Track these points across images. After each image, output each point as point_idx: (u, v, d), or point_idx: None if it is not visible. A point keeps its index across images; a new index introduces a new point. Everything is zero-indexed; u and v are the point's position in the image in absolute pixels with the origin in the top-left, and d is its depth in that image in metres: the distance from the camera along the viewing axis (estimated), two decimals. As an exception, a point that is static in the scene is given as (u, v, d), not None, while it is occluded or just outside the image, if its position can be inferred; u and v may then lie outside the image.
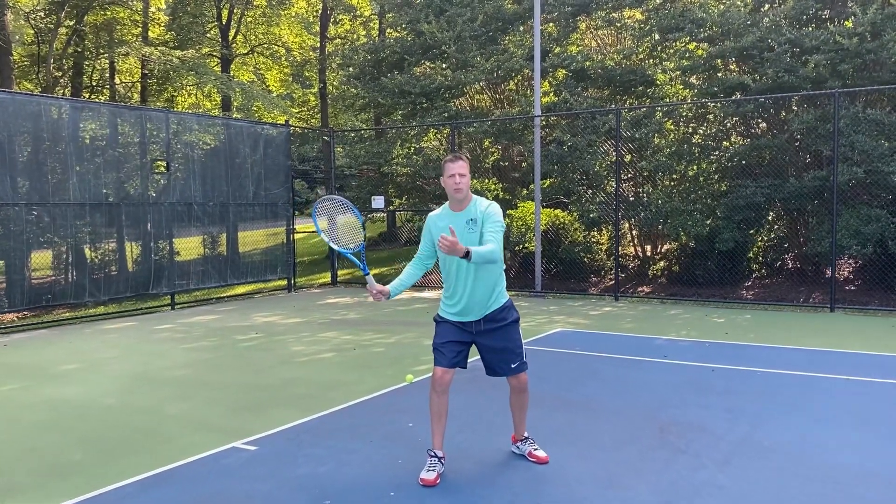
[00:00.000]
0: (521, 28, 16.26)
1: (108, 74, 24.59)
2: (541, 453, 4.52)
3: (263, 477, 4.34)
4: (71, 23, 20.27)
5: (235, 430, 5.23)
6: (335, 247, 4.57)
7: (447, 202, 4.37)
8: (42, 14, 20.05)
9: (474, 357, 4.51)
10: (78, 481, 4.33)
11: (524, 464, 4.49)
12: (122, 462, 4.65)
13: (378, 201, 14.69)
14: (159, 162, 12.08)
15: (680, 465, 4.46)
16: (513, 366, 4.33)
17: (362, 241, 4.65)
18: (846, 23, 11.87)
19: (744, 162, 12.73)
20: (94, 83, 24.30)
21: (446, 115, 15.78)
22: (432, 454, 4.31)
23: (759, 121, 13.62)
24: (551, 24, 15.90)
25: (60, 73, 21.38)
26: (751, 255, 13.29)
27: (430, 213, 4.43)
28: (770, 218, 13.42)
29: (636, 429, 5.17)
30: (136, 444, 5.00)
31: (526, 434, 4.61)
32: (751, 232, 12.95)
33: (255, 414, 5.69)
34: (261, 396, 6.24)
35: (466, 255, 3.87)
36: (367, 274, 4.39)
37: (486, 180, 15.53)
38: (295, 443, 4.96)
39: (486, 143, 16.45)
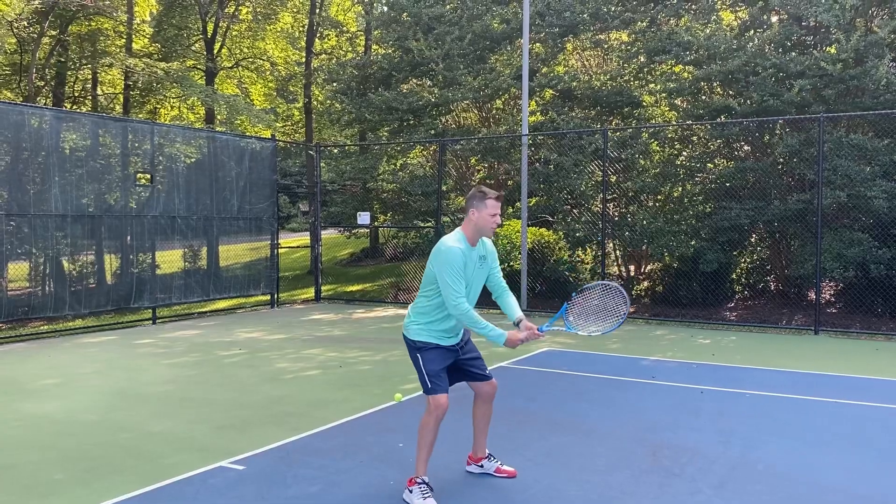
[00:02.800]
0: (509, 47, 16.35)
1: (90, 85, 24.37)
2: (508, 467, 4.56)
3: (252, 497, 4.23)
4: (55, 32, 20.09)
5: (222, 449, 5.12)
6: (580, 331, 4.41)
7: (459, 231, 4.25)
8: (26, 23, 19.85)
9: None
10: (58, 502, 4.19)
11: (517, 486, 4.43)
12: (104, 481, 4.52)
13: (364, 217, 14.63)
14: (142, 175, 11.94)
15: (675, 488, 4.42)
16: (487, 371, 4.45)
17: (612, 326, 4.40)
18: (830, 49, 12.05)
19: (728, 184, 12.83)
20: (76, 94, 24.07)
21: (433, 132, 15.79)
22: (422, 482, 4.17)
23: (744, 144, 13.76)
24: (539, 45, 16.00)
25: (43, 83, 21.15)
26: (734, 276, 13.37)
27: (453, 246, 4.14)
28: (753, 240, 13.52)
29: (628, 451, 5.13)
30: (120, 463, 4.87)
31: (487, 451, 4.63)
32: (734, 253, 13.04)
33: (242, 432, 5.57)
34: (246, 414, 6.13)
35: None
36: (542, 330, 4.24)
37: (472, 198, 15.50)
38: (284, 462, 4.85)
39: (473, 160, 16.47)
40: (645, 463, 4.88)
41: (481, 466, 4.60)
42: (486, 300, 4.55)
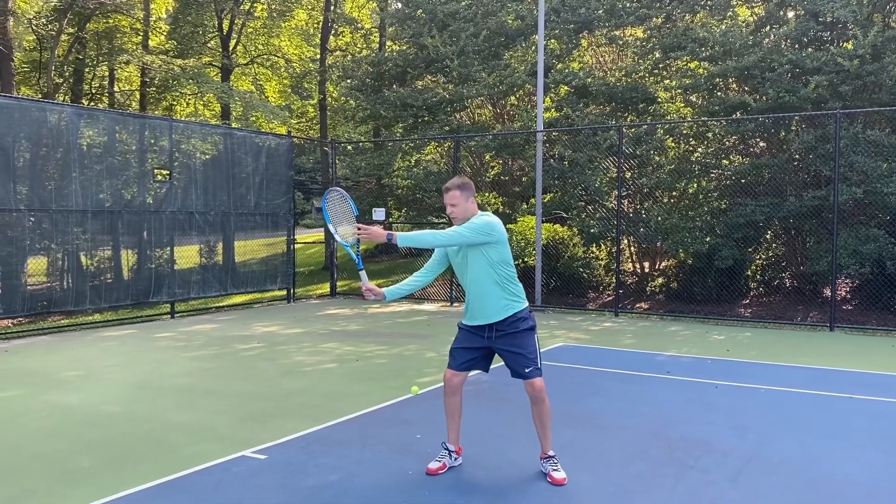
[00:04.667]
0: (524, 44, 16.37)
1: (107, 82, 24.61)
2: (558, 475, 4.42)
3: (275, 486, 4.33)
4: (73, 30, 20.31)
5: (243, 440, 5.22)
6: (338, 238, 4.61)
7: None
8: (44, 21, 20.08)
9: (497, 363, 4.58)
10: (89, 489, 4.31)
11: (535, 477, 4.50)
12: (130, 469, 4.63)
13: (379, 213, 14.71)
14: (161, 170, 12.09)
15: (690, 480, 4.48)
16: (526, 370, 4.40)
17: (356, 234, 4.54)
18: (847, 45, 12.01)
19: (743, 180, 12.82)
20: (93, 91, 24.32)
21: (448, 128, 15.85)
22: (445, 446, 4.64)
23: (759, 140, 13.73)
24: (554, 41, 16.02)
25: (61, 80, 21.39)
26: (749, 272, 13.36)
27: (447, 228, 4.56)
28: (768, 236, 13.51)
29: (644, 444, 5.18)
30: (144, 452, 4.98)
31: (551, 453, 4.54)
32: (749, 250, 13.02)
33: (262, 423, 5.67)
34: (267, 406, 6.23)
35: (391, 238, 4.17)
36: (361, 269, 4.50)
37: (487, 194, 15.58)
38: (305, 452, 4.95)
39: (487, 157, 16.53)
40: (660, 455, 4.94)
41: (542, 466, 4.57)
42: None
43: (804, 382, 7.22)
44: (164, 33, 24.92)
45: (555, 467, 4.48)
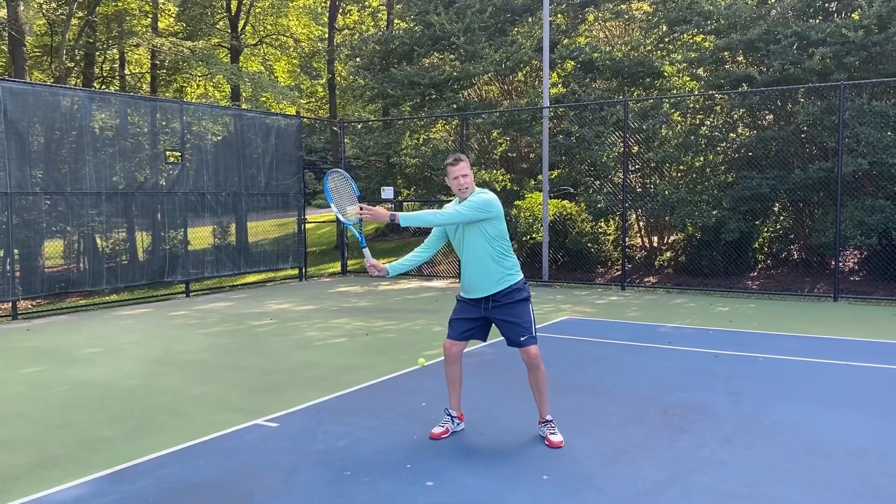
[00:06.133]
0: (530, 19, 16.39)
1: (117, 65, 24.81)
2: (555, 438, 4.63)
3: (286, 451, 4.56)
4: (83, 14, 20.47)
5: (257, 410, 5.46)
6: (341, 218, 4.79)
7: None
8: (55, 5, 20.25)
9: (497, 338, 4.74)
10: (111, 454, 4.57)
11: (533, 441, 4.70)
12: (150, 437, 4.88)
13: (387, 192, 14.88)
14: (174, 152, 12.30)
15: (683, 443, 4.67)
16: (521, 339, 4.59)
17: (358, 214, 4.65)
18: (853, 15, 11.98)
19: (750, 153, 12.87)
20: (104, 74, 24.53)
21: (455, 106, 15.95)
22: (447, 412, 4.87)
23: (766, 113, 13.75)
24: (560, 16, 16.02)
25: (73, 64, 21.59)
26: (756, 245, 13.44)
27: (446, 205, 4.75)
28: (776, 209, 13.56)
29: (641, 410, 5.38)
30: (163, 422, 5.24)
31: (548, 417, 4.74)
32: (756, 223, 13.10)
33: (275, 395, 5.91)
34: (279, 378, 6.47)
35: (394, 219, 4.35)
36: (365, 247, 4.69)
37: (495, 171, 15.70)
38: (315, 420, 5.18)
39: (495, 134, 16.62)
40: (656, 420, 5.13)
41: (540, 430, 4.76)
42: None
43: (802, 351, 7.38)
44: (173, 15, 25.05)
45: (552, 431, 4.68)
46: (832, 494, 3.84)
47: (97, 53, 22.73)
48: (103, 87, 23.78)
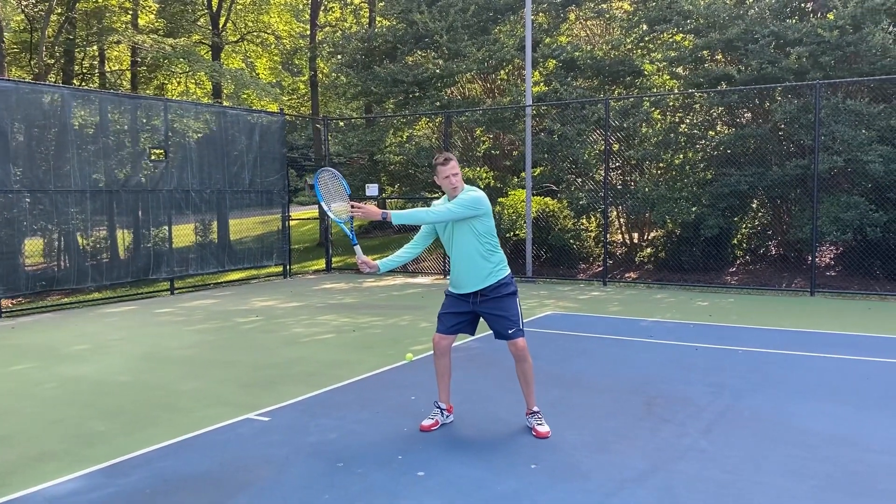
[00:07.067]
0: (512, 18, 16.52)
1: (97, 62, 24.63)
2: (542, 428, 4.77)
3: (279, 444, 4.66)
4: (62, 10, 20.31)
5: (248, 404, 5.54)
6: (331, 215, 4.87)
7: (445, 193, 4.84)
8: (34, 1, 20.08)
9: (485, 332, 4.85)
10: (105, 448, 4.63)
11: (521, 432, 4.83)
12: (143, 432, 4.95)
13: (372, 189, 14.96)
14: (158, 150, 12.30)
15: (665, 432, 4.82)
16: (509, 331, 4.73)
17: (350, 212, 4.74)
18: (829, 16, 12.23)
19: (728, 151, 13.10)
20: (84, 71, 24.34)
21: (438, 104, 16.04)
22: (437, 405, 4.98)
23: (744, 111, 13.99)
24: (542, 15, 16.17)
25: (52, 61, 21.43)
26: (735, 241, 13.69)
27: (435, 202, 4.87)
28: (754, 205, 13.82)
29: (624, 402, 5.52)
30: (155, 417, 5.30)
31: (535, 408, 4.88)
32: (735, 219, 13.34)
33: (265, 389, 6.00)
34: (269, 374, 6.55)
35: (386, 217, 4.45)
36: (356, 244, 4.79)
37: (478, 168, 15.82)
38: (306, 414, 5.28)
39: (478, 131, 16.75)
40: (639, 411, 5.28)
41: (527, 421, 4.89)
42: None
43: (781, 344, 7.58)
44: (154, 12, 24.90)
45: (539, 422, 4.82)
46: (809, 480, 4.00)
47: (77, 50, 22.56)
48: (83, 83, 23.60)
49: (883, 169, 11.13)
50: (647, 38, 14.95)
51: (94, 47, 23.02)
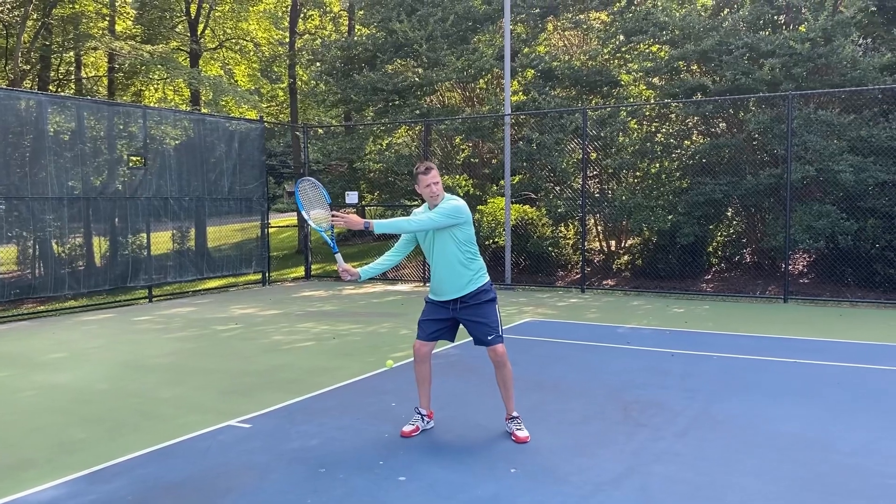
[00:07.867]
0: (492, 28, 16.67)
1: (74, 68, 24.43)
2: (521, 434, 4.83)
3: (260, 450, 4.68)
4: (38, 16, 20.15)
5: (229, 411, 5.56)
6: (312, 224, 4.92)
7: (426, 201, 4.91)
8: (9, 6, 19.91)
9: (465, 339, 4.92)
10: (86, 455, 4.63)
11: (501, 437, 4.90)
12: (125, 439, 4.95)
13: (352, 196, 15.00)
14: (136, 157, 12.24)
15: (641, 436, 4.91)
16: (489, 338, 4.80)
17: (331, 220, 4.82)
18: (801, 28, 12.50)
19: (704, 160, 13.31)
20: (60, 77, 24.13)
21: (418, 112, 16.14)
22: (417, 411, 5.04)
23: (719, 121, 14.23)
24: (520, 25, 16.34)
25: (28, 67, 21.23)
26: (710, 249, 13.90)
27: (415, 210, 4.95)
28: (729, 214, 14.05)
29: (601, 407, 5.62)
30: (136, 424, 5.30)
31: (515, 414, 4.95)
32: (710, 227, 13.55)
33: (246, 396, 6.01)
34: (249, 381, 6.56)
35: (368, 226, 4.51)
36: (336, 252, 4.84)
37: (458, 176, 15.92)
38: (287, 421, 5.31)
39: (458, 140, 16.85)
40: (616, 416, 5.37)
41: (507, 426, 4.95)
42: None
43: (753, 349, 7.72)
44: (131, 18, 24.76)
45: (518, 427, 4.89)
46: (781, 481, 4.11)
47: (53, 56, 22.37)
48: (59, 90, 23.40)
49: (853, 178, 11.37)
50: (623, 49, 15.17)
51: (71, 53, 22.84)
